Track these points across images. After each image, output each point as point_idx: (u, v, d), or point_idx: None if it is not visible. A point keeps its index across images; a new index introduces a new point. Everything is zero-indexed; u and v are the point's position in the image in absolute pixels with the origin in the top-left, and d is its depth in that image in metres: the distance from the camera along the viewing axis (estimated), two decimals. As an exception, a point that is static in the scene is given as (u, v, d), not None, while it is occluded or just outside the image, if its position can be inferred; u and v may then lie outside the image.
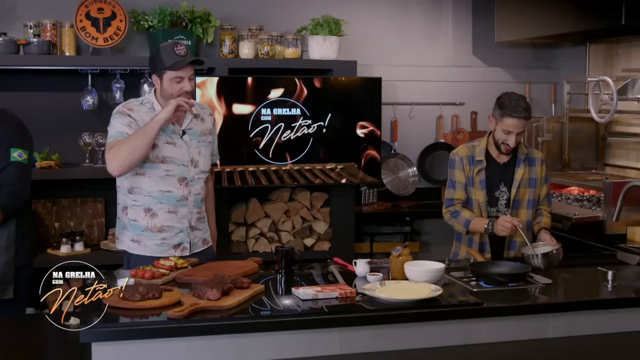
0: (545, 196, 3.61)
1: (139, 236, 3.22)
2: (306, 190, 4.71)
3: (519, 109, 3.35)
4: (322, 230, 4.70)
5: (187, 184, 3.22)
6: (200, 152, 3.27)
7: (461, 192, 3.51)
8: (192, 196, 3.25)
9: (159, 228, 3.20)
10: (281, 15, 4.83)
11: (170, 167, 3.18)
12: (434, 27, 5.25)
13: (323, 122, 4.49)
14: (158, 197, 3.18)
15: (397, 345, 2.59)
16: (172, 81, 3.12)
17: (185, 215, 3.24)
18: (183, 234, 3.25)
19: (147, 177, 3.17)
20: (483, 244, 3.52)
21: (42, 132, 4.40)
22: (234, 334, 2.45)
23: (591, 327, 2.77)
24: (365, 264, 3.01)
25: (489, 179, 3.50)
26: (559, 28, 4.51)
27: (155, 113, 3.14)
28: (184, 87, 3.12)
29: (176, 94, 3.12)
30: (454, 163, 3.55)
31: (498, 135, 3.44)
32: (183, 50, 3.11)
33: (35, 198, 4.47)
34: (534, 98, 5.42)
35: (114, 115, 3.19)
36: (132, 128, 3.11)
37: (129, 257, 3.27)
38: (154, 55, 3.17)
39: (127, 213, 3.24)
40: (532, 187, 3.53)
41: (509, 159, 3.52)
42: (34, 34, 4.29)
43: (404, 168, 5.20)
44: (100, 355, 2.37)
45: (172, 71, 3.10)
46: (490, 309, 2.67)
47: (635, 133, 4.67)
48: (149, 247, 3.21)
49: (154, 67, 3.17)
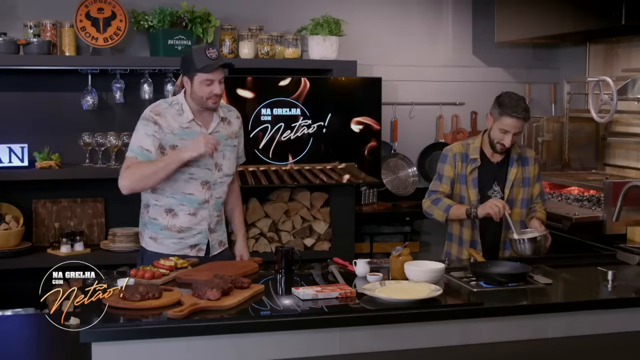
0: (539, 194, 3.61)
1: (157, 234, 3.25)
2: (306, 190, 4.71)
3: (519, 109, 3.35)
4: (322, 230, 4.70)
5: (209, 187, 3.23)
6: (225, 156, 3.28)
7: (447, 186, 3.51)
8: (214, 199, 3.26)
9: (178, 228, 3.23)
10: (281, 15, 4.83)
11: (194, 170, 3.19)
12: (434, 27, 5.25)
13: (323, 122, 4.49)
14: (180, 199, 3.20)
15: (397, 345, 2.59)
16: (202, 84, 3.12)
17: (205, 217, 3.25)
18: (201, 236, 3.26)
19: (170, 179, 3.17)
20: (474, 243, 3.51)
21: (42, 132, 4.42)
22: (234, 334, 2.45)
23: (591, 327, 2.77)
24: (365, 264, 3.01)
25: (482, 177, 3.49)
26: (559, 28, 4.51)
27: (183, 116, 3.17)
28: (214, 90, 3.13)
29: (206, 97, 3.13)
30: (445, 158, 3.54)
31: (494, 134, 3.44)
32: (215, 53, 3.12)
33: (35, 198, 4.49)
34: (534, 98, 5.43)
35: (141, 120, 3.18)
36: (157, 139, 3.11)
37: (144, 252, 3.30)
38: (186, 58, 3.17)
39: (148, 211, 3.27)
40: (525, 186, 3.53)
41: (502, 158, 3.52)
42: (34, 34, 4.28)
43: (404, 168, 5.20)
44: (100, 355, 2.37)
45: (203, 74, 3.11)
46: (490, 309, 2.67)
47: (635, 133, 4.67)
48: (166, 245, 3.24)
49: (185, 69, 3.17)
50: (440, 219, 3.50)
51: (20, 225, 4.32)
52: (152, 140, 3.11)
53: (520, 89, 5.37)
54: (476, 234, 3.50)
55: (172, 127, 3.15)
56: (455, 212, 3.44)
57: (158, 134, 3.13)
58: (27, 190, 4.44)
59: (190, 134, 3.17)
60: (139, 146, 3.12)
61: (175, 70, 4.45)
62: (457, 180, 3.51)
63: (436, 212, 3.49)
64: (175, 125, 3.16)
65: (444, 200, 3.48)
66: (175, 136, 3.16)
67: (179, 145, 3.15)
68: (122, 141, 4.40)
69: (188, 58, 3.15)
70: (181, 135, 3.17)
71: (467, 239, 3.52)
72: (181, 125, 3.17)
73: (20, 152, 4.25)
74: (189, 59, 3.14)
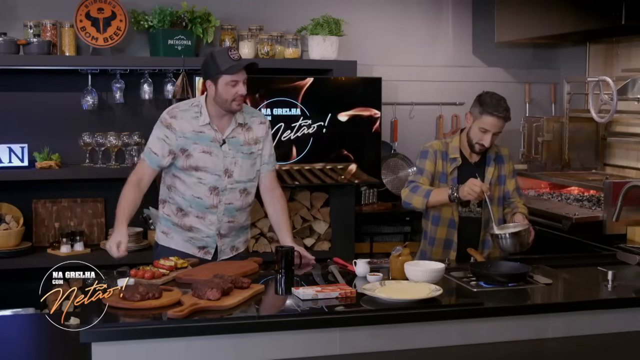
0: (515, 190, 3.57)
1: (169, 229, 3.29)
2: (306, 190, 4.71)
3: (500, 109, 3.31)
4: (322, 230, 4.70)
5: (217, 193, 3.22)
6: (237, 163, 3.23)
7: (427, 179, 3.43)
8: (223, 205, 3.24)
9: (188, 227, 3.25)
10: (281, 15, 4.83)
11: (203, 175, 3.19)
12: (434, 27, 5.26)
13: (323, 122, 4.49)
14: (189, 200, 3.22)
15: (397, 345, 2.59)
16: (227, 85, 3.11)
17: (214, 222, 3.25)
18: (210, 239, 3.27)
19: (181, 180, 3.22)
20: (448, 242, 3.47)
21: (42, 132, 4.42)
22: (234, 334, 2.45)
23: (591, 327, 2.77)
24: (365, 264, 3.01)
25: (462, 177, 3.44)
26: (559, 28, 4.51)
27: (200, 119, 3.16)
28: (239, 90, 3.13)
29: (231, 98, 3.12)
30: (426, 154, 3.48)
31: (473, 133, 3.37)
32: (237, 54, 3.12)
33: (35, 198, 4.49)
34: (534, 98, 5.43)
35: (158, 121, 3.23)
36: (167, 144, 3.15)
37: (156, 246, 3.36)
38: (207, 61, 3.16)
39: (164, 206, 3.31)
40: (501, 184, 3.53)
41: (479, 158, 3.50)
42: (34, 34, 4.28)
43: (404, 168, 5.20)
44: (100, 355, 2.37)
45: (228, 75, 3.10)
46: (490, 309, 2.67)
47: (635, 133, 4.67)
48: (176, 240, 3.27)
49: (207, 73, 3.16)
50: (420, 205, 3.36)
51: (20, 225, 4.32)
52: (162, 144, 3.16)
53: (520, 89, 5.38)
54: (452, 233, 3.45)
55: (185, 130, 3.16)
56: (435, 196, 3.33)
57: (169, 138, 3.16)
58: (27, 190, 4.44)
59: (203, 139, 3.17)
60: (149, 148, 3.20)
61: (175, 70, 4.45)
62: (437, 177, 3.47)
63: (415, 199, 3.36)
64: (188, 129, 3.16)
65: (423, 186, 3.38)
66: (187, 140, 3.16)
67: (189, 149, 3.16)
68: (122, 141, 4.40)
69: (210, 62, 3.13)
70: (194, 140, 3.17)
71: (441, 237, 3.47)
72: (195, 128, 3.17)
73: (20, 152, 4.25)
74: (211, 63, 3.12)
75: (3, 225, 4.25)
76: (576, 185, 4.59)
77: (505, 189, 3.55)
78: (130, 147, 4.43)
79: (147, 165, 3.20)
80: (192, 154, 3.17)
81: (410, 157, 5.20)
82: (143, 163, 3.22)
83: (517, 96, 5.30)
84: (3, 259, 4.18)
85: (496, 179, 3.51)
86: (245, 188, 3.30)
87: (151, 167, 3.20)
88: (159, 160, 3.18)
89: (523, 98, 5.41)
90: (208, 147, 3.18)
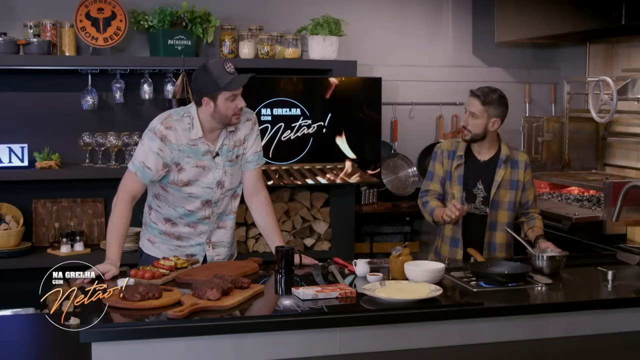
0: (534, 200, 3.60)
1: (156, 238, 3.23)
2: (306, 190, 4.71)
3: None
4: (322, 230, 4.70)
5: (210, 205, 3.16)
6: (226, 172, 3.14)
7: (437, 184, 3.55)
8: (215, 215, 3.20)
9: (176, 236, 3.20)
10: (281, 15, 4.83)
11: (194, 189, 3.10)
12: (434, 27, 5.26)
13: (323, 122, 4.49)
14: (180, 212, 3.16)
15: (397, 345, 2.59)
16: (227, 100, 2.99)
17: (205, 232, 3.21)
18: (199, 247, 3.23)
19: (170, 194, 3.12)
20: (455, 240, 3.51)
21: (42, 132, 4.42)
22: (234, 334, 2.45)
23: (591, 327, 2.77)
24: (365, 264, 3.01)
25: (467, 175, 3.50)
26: (559, 28, 4.51)
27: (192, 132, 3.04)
28: (239, 103, 3.03)
29: (232, 113, 3.02)
30: (435, 155, 3.60)
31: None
32: (232, 67, 3.01)
33: (35, 198, 4.49)
34: (534, 98, 5.43)
35: (148, 132, 3.06)
36: (161, 157, 3.01)
37: (141, 253, 3.30)
38: (202, 77, 3.01)
39: (150, 213, 3.24)
40: (513, 189, 3.50)
41: (490, 157, 3.51)
42: (34, 34, 4.28)
43: (404, 168, 5.20)
44: (100, 355, 2.37)
45: (228, 91, 2.99)
46: (490, 309, 2.67)
47: (635, 133, 4.67)
48: (162, 249, 3.21)
49: (204, 89, 3.01)
50: (429, 221, 3.58)
51: (20, 225, 4.32)
52: (156, 158, 3.01)
53: (520, 89, 5.38)
54: (457, 231, 3.50)
55: (181, 142, 3.04)
56: (437, 214, 3.48)
57: (163, 151, 3.02)
58: (27, 190, 4.44)
59: (195, 152, 3.07)
60: (141, 162, 3.03)
61: (175, 70, 4.45)
62: (446, 177, 3.54)
63: (425, 214, 3.59)
64: (184, 141, 3.05)
65: (430, 203, 3.53)
66: (181, 153, 3.05)
67: (182, 163, 3.06)
68: (122, 141, 4.40)
69: (206, 77, 2.99)
70: (187, 153, 3.06)
71: (448, 235, 3.54)
72: (188, 141, 3.06)
73: (20, 152, 4.25)
74: (207, 78, 2.98)
75: (3, 225, 4.25)
76: (576, 185, 4.59)
77: (519, 196, 3.52)
78: (130, 147, 4.43)
79: (139, 181, 3.05)
80: (185, 168, 3.07)
81: (411, 157, 5.20)
82: (134, 177, 3.04)
83: (517, 96, 5.30)
84: (3, 259, 4.18)
85: (507, 183, 3.50)
86: (235, 191, 3.26)
87: (143, 182, 3.05)
88: (152, 175, 3.04)
89: (523, 98, 5.41)
90: (201, 160, 3.09)
